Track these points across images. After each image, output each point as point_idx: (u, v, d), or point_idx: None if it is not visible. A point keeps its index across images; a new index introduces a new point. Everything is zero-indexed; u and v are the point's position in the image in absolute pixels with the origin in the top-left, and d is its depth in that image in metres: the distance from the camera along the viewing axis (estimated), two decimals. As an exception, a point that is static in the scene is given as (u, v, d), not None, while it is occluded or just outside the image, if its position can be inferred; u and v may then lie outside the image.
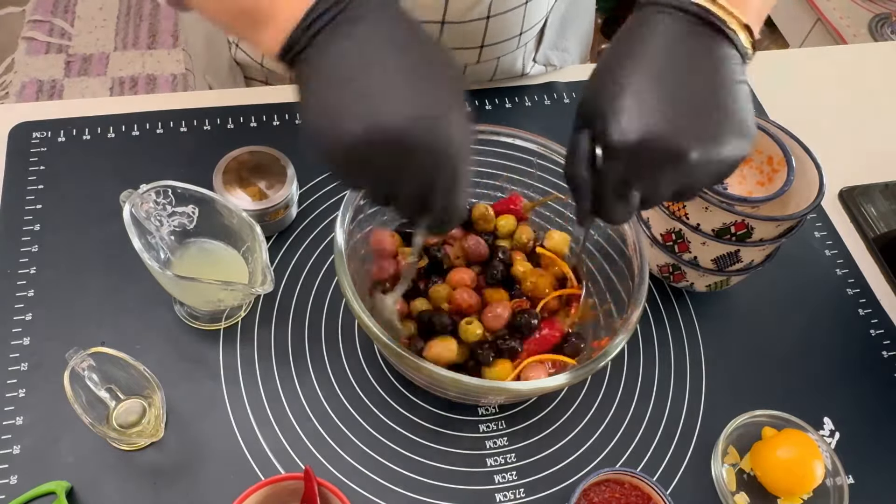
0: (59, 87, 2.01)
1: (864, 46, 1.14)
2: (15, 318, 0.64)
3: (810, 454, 0.60)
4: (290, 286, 0.69)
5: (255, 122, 0.78)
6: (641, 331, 0.70)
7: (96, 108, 0.78)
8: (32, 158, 0.73)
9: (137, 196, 0.58)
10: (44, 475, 0.57)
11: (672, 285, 0.72)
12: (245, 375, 0.64)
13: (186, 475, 0.59)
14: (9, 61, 2.05)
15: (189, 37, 0.91)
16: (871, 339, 0.73)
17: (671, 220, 0.64)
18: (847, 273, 0.77)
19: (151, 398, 0.59)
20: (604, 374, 0.67)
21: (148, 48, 2.12)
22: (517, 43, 0.80)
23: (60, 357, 0.55)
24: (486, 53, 0.79)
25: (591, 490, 0.59)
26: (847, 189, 0.83)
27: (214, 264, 0.64)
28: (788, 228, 0.63)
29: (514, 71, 0.85)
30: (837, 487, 0.61)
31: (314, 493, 0.51)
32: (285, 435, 0.61)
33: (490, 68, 0.83)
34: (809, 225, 0.80)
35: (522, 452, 0.63)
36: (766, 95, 0.91)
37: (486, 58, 0.80)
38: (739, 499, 0.62)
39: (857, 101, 0.93)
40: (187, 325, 0.65)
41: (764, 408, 0.65)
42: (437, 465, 0.61)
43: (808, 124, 0.74)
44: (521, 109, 0.84)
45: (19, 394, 0.60)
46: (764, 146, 0.67)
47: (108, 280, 0.67)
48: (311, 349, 0.66)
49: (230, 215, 0.61)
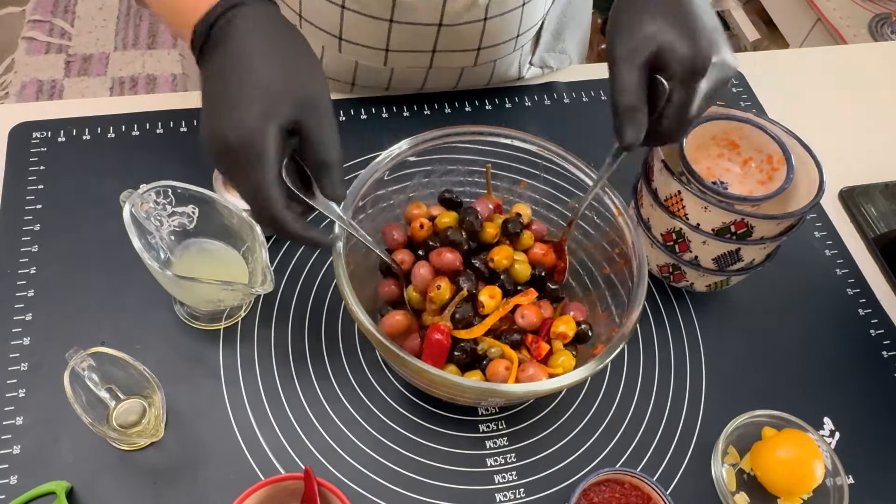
0: (59, 87, 2.01)
1: (864, 46, 1.14)
2: (15, 318, 0.64)
3: (810, 454, 0.60)
4: (290, 286, 0.69)
5: (255, 122, 0.78)
6: (641, 331, 0.70)
7: (96, 108, 0.78)
8: (32, 158, 0.73)
9: (137, 196, 0.58)
10: (44, 475, 0.57)
11: (672, 285, 0.72)
12: (245, 375, 0.64)
13: (186, 475, 0.59)
14: (9, 61, 2.05)
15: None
16: (871, 339, 0.73)
17: (671, 220, 0.64)
18: (847, 273, 0.77)
19: (151, 398, 0.59)
20: (604, 374, 0.67)
21: (148, 48, 2.12)
22: (514, 45, 0.80)
23: (60, 357, 0.55)
24: (483, 56, 0.79)
25: (591, 490, 0.59)
26: (847, 189, 0.83)
27: (214, 264, 0.64)
28: (789, 226, 0.63)
29: (510, 75, 0.85)
30: (837, 487, 0.61)
31: (314, 493, 0.51)
32: (285, 435, 0.61)
33: (486, 72, 0.82)
34: (809, 225, 0.80)
35: (522, 452, 0.63)
36: (766, 95, 0.91)
37: (483, 60, 0.79)
38: (739, 499, 0.62)
39: (857, 101, 0.93)
40: (187, 325, 0.65)
41: (764, 408, 0.65)
42: (437, 465, 0.61)
43: (808, 124, 0.74)
44: (521, 110, 0.84)
45: (19, 394, 0.60)
46: (764, 145, 0.67)
47: (108, 280, 0.67)
48: (311, 349, 0.66)
49: (230, 215, 0.61)
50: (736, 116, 0.67)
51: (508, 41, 0.78)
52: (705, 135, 0.68)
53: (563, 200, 0.67)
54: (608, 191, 0.63)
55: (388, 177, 0.64)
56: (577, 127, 0.84)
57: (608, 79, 0.56)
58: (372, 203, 0.63)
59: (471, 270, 0.61)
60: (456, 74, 0.81)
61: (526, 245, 0.65)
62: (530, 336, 0.60)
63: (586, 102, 0.86)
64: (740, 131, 0.68)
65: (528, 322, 0.60)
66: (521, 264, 0.63)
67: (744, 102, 0.90)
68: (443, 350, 0.58)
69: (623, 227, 0.62)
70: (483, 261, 0.62)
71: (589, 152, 0.69)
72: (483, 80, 0.84)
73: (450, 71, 0.80)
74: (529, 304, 0.61)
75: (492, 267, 0.62)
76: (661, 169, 0.64)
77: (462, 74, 0.81)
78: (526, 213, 0.67)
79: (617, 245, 0.63)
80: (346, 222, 0.57)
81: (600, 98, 0.87)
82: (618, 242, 0.63)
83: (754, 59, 0.97)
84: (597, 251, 0.66)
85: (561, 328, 0.60)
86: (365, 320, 0.54)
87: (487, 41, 0.76)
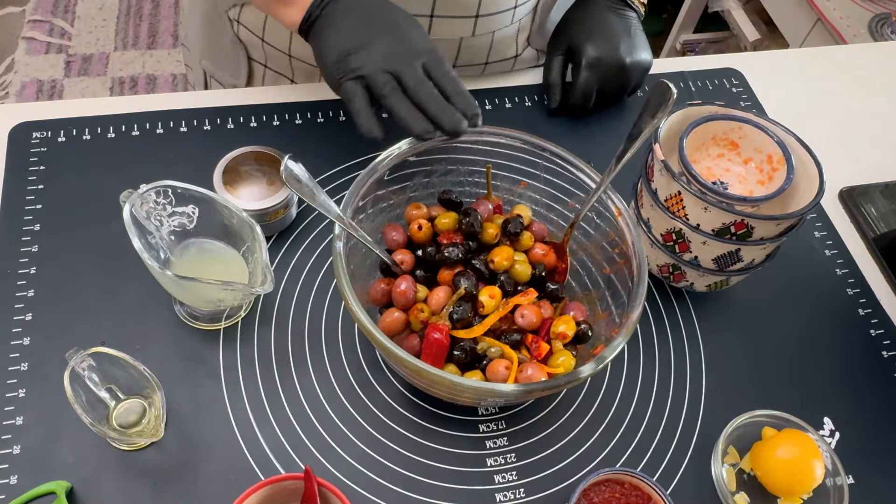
0: (59, 87, 2.01)
1: (864, 46, 1.14)
2: (15, 318, 0.64)
3: (810, 454, 0.60)
4: (290, 286, 0.69)
5: (255, 122, 0.79)
6: (641, 331, 0.70)
7: (96, 108, 0.78)
8: (32, 158, 0.73)
9: (137, 196, 0.58)
10: (44, 475, 0.57)
11: (672, 285, 0.72)
12: (245, 375, 0.64)
13: (186, 475, 0.59)
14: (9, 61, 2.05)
15: (186, 19, 0.92)
16: (871, 339, 0.73)
17: (671, 220, 0.64)
18: (847, 273, 0.77)
19: (151, 398, 0.59)
20: (604, 374, 0.67)
21: (148, 48, 2.12)
22: (511, 17, 0.81)
23: (60, 357, 0.55)
24: (481, 26, 0.79)
25: (591, 490, 0.59)
26: (847, 189, 0.83)
27: (214, 264, 0.64)
28: (789, 227, 0.63)
29: (508, 52, 0.86)
30: (837, 487, 0.61)
31: (314, 493, 0.51)
32: (285, 435, 0.61)
33: (485, 44, 0.83)
34: (809, 225, 0.80)
35: (522, 452, 0.63)
36: (767, 95, 0.91)
37: (481, 31, 0.80)
38: (739, 499, 0.62)
39: (857, 101, 0.93)
40: (187, 325, 0.65)
41: (764, 408, 0.65)
42: (437, 465, 0.61)
43: (808, 124, 0.74)
44: (521, 110, 0.84)
45: (19, 394, 0.60)
46: (763, 145, 0.67)
47: (108, 280, 0.67)
48: (311, 349, 0.66)
49: (230, 215, 0.61)
50: (736, 116, 0.67)
51: (506, 11, 0.80)
52: (705, 135, 0.68)
53: (563, 201, 0.67)
54: (609, 191, 0.63)
55: (388, 177, 0.64)
56: (577, 127, 0.84)
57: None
58: (372, 203, 0.63)
59: (471, 271, 0.61)
60: (455, 46, 0.82)
61: (526, 246, 0.65)
62: (530, 336, 0.60)
63: (586, 102, 0.86)
64: (740, 131, 0.68)
65: (527, 322, 0.60)
66: (521, 265, 0.63)
67: (744, 102, 0.90)
68: (442, 350, 0.58)
69: (623, 228, 0.62)
70: (483, 262, 0.62)
71: (589, 152, 0.69)
72: (482, 54, 0.84)
73: (449, 43, 0.81)
74: (529, 304, 0.61)
75: (492, 268, 0.62)
76: (661, 169, 0.64)
77: (461, 47, 0.82)
78: (526, 215, 0.67)
79: (617, 245, 0.63)
80: (346, 222, 0.57)
81: (600, 98, 0.87)
82: (618, 242, 0.63)
83: (754, 59, 0.97)
84: (597, 251, 0.66)
85: (561, 328, 0.60)
86: (365, 320, 0.54)
87: (485, 9, 0.78)
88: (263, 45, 0.83)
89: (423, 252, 0.63)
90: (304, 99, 0.81)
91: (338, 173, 0.76)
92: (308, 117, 0.80)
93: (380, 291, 0.63)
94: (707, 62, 0.94)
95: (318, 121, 0.80)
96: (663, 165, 0.63)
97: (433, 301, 0.60)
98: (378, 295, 0.63)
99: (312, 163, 0.69)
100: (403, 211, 0.66)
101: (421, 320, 0.60)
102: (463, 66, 0.85)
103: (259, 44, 0.84)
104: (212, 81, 0.92)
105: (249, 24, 0.83)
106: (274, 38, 0.82)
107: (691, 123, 0.66)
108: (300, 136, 0.78)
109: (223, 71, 0.89)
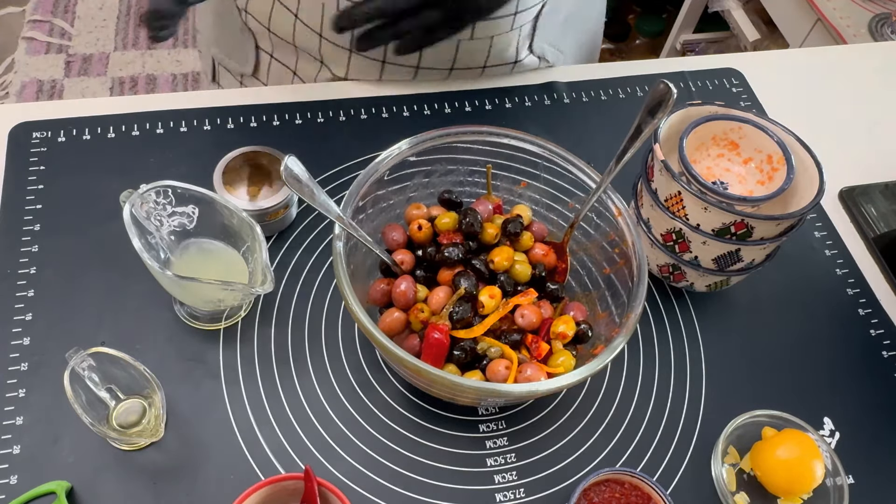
0: (59, 87, 2.01)
1: (864, 46, 1.14)
2: (15, 318, 0.64)
3: (810, 454, 0.60)
4: (290, 286, 0.69)
5: (255, 122, 0.79)
6: (641, 331, 0.70)
7: (96, 108, 0.78)
8: (32, 158, 0.73)
9: (137, 196, 0.59)
10: (44, 475, 0.57)
11: (672, 285, 0.72)
12: (245, 375, 0.64)
13: (186, 475, 0.59)
14: (9, 61, 2.05)
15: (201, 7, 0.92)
16: (871, 339, 0.73)
17: (671, 220, 0.64)
18: (847, 273, 0.77)
19: (151, 398, 0.59)
20: (604, 374, 0.67)
21: (148, 48, 2.12)
22: (511, 23, 0.80)
23: (60, 357, 0.55)
24: (480, 29, 0.78)
25: (591, 490, 0.59)
26: (847, 189, 0.83)
27: (214, 264, 0.64)
28: (789, 227, 0.63)
29: (507, 56, 0.84)
30: (837, 487, 0.61)
31: (314, 493, 0.51)
32: (285, 435, 0.61)
33: (484, 48, 0.82)
34: (809, 225, 0.80)
35: (522, 452, 0.63)
36: (766, 95, 0.91)
37: (480, 35, 0.79)
38: (739, 499, 0.62)
39: (857, 101, 0.93)
40: (187, 325, 0.65)
41: (764, 408, 0.65)
42: (437, 465, 0.61)
43: (808, 124, 0.74)
44: (521, 110, 0.84)
45: (19, 394, 0.60)
46: (763, 145, 0.67)
47: (108, 280, 0.67)
48: (311, 349, 0.66)
49: (230, 215, 0.61)
50: (736, 116, 0.67)
51: (506, 17, 0.78)
52: (705, 135, 0.68)
53: (563, 201, 0.67)
54: (608, 191, 0.63)
55: (388, 177, 0.64)
56: (577, 127, 0.84)
57: None
58: (372, 203, 0.63)
59: (471, 271, 0.61)
60: (453, 48, 0.81)
61: (526, 247, 0.65)
62: (530, 336, 0.60)
63: (586, 102, 0.86)
64: (740, 131, 0.68)
65: (527, 322, 0.60)
66: (521, 265, 0.63)
67: (744, 102, 0.90)
68: (442, 350, 0.58)
69: (623, 228, 0.62)
70: (483, 262, 0.62)
71: (589, 152, 0.69)
72: (480, 58, 0.83)
73: (447, 45, 0.80)
74: (529, 304, 0.61)
75: (492, 268, 0.62)
76: (661, 169, 0.64)
77: (458, 50, 0.81)
78: (526, 216, 0.67)
79: (617, 245, 0.63)
80: (346, 222, 0.57)
81: (600, 98, 0.87)
82: (618, 243, 0.63)
83: (754, 59, 0.97)
84: (597, 251, 0.66)
85: (561, 328, 0.60)
86: (365, 320, 0.54)
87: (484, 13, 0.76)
88: (269, 34, 0.84)
89: (423, 252, 0.63)
90: (304, 99, 0.81)
91: (338, 173, 0.76)
92: (308, 117, 0.80)
93: (380, 291, 0.63)
94: (707, 62, 0.94)
95: (318, 121, 0.80)
96: (663, 165, 0.63)
97: (433, 301, 0.60)
98: (378, 295, 0.63)
99: (312, 163, 0.69)
100: (403, 211, 0.66)
101: (421, 320, 0.60)
102: (461, 68, 0.84)
103: (265, 33, 0.84)
104: (220, 69, 0.93)
105: (256, 13, 0.83)
106: (279, 28, 0.82)
107: (691, 123, 0.66)
108: (300, 136, 0.78)
109: (231, 59, 0.90)
